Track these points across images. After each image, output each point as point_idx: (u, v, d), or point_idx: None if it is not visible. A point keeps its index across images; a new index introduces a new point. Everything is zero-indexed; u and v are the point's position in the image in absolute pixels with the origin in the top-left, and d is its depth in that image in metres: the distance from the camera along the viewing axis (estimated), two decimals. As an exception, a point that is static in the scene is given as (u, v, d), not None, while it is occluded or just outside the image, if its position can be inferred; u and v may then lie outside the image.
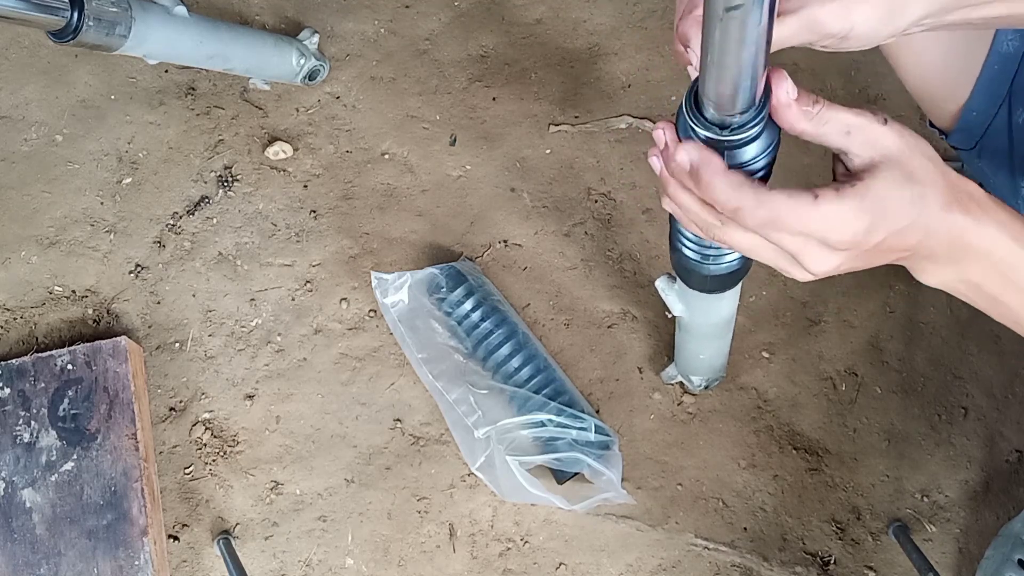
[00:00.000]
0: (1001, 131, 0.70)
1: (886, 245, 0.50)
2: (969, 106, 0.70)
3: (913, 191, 0.48)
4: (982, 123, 0.70)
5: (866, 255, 0.51)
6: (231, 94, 1.27)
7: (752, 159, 0.46)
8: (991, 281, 0.52)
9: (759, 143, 0.46)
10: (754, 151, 0.46)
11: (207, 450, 1.11)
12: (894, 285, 1.14)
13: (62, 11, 0.83)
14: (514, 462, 1.00)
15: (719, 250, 0.57)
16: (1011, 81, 0.68)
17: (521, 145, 1.24)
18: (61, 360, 1.07)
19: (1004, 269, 0.51)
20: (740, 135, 0.44)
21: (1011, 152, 0.69)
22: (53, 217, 1.21)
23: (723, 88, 0.42)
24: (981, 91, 0.69)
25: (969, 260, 0.52)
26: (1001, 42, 0.67)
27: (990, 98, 0.69)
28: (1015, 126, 0.69)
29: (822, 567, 1.04)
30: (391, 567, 1.06)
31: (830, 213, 0.47)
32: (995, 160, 0.71)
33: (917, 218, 0.49)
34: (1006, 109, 0.69)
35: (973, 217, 0.50)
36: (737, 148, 0.45)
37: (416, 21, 1.32)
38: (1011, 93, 0.68)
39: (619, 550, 1.05)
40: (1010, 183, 0.70)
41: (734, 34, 0.38)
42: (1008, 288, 0.52)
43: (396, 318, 1.10)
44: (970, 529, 1.05)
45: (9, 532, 1.00)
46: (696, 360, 0.98)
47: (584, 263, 1.18)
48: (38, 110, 1.26)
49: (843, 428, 1.09)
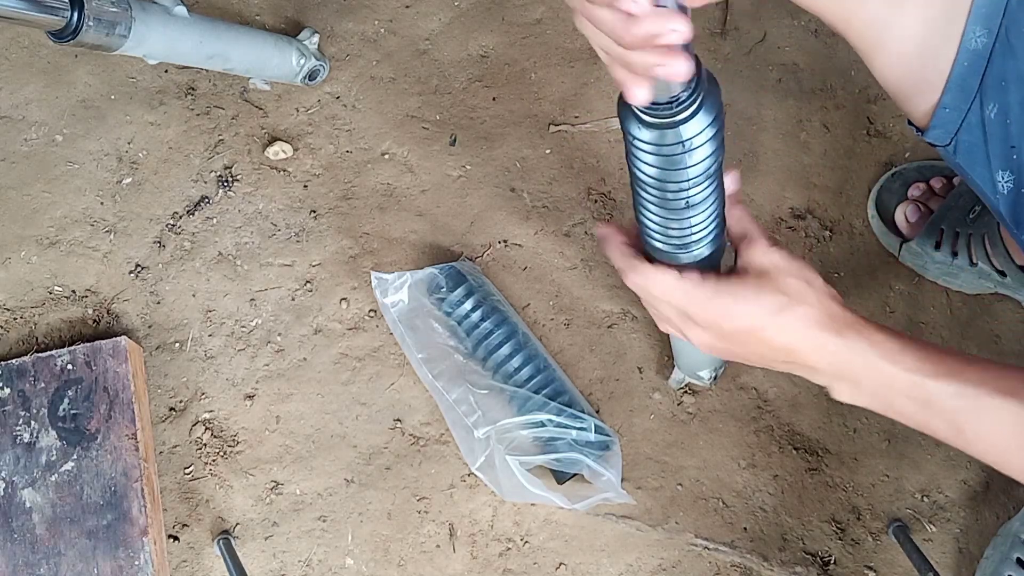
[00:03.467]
0: (975, 126, 0.71)
1: (751, 339, 0.59)
2: (942, 103, 0.72)
3: (775, 300, 0.57)
4: (955, 119, 0.72)
5: (734, 341, 0.60)
6: (231, 94, 1.27)
7: (695, 134, 0.48)
8: (881, 397, 0.60)
9: (698, 120, 0.47)
10: (696, 127, 0.48)
11: (207, 450, 1.11)
12: (894, 285, 1.14)
13: (62, 11, 0.83)
14: (514, 461, 1.00)
15: (686, 239, 0.58)
16: (981, 77, 0.70)
17: (521, 145, 1.24)
18: (61, 360, 1.07)
19: (880, 386, 0.59)
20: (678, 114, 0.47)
21: (986, 146, 0.71)
22: (53, 217, 1.21)
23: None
24: (952, 88, 0.71)
25: (854, 378, 0.59)
26: (969, 39, 0.69)
27: (962, 94, 0.71)
28: (988, 120, 0.70)
29: (822, 567, 1.04)
30: (391, 567, 1.06)
31: (690, 290, 0.58)
32: (971, 155, 0.73)
33: (778, 324, 0.58)
34: (978, 104, 0.71)
35: (844, 339, 0.58)
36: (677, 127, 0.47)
37: (416, 21, 1.32)
38: (982, 89, 0.70)
39: (619, 550, 1.05)
40: (988, 177, 0.72)
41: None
42: (894, 404, 0.59)
43: (396, 318, 1.10)
44: (970, 529, 1.05)
45: (9, 532, 1.00)
46: (698, 353, 0.98)
47: (584, 263, 1.18)
48: (38, 110, 1.26)
49: (843, 428, 1.09)
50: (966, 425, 0.57)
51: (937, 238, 1.10)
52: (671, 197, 0.53)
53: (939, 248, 1.10)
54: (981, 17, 0.68)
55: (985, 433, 0.57)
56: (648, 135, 0.48)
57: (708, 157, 0.50)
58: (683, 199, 0.53)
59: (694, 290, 0.59)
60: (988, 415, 0.56)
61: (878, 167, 1.20)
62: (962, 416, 0.57)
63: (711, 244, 0.59)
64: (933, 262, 1.11)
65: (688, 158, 0.49)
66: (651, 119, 0.48)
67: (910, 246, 1.12)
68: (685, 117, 0.47)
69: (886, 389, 0.59)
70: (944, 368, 0.57)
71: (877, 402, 0.60)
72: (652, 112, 0.47)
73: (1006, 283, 1.08)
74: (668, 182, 0.52)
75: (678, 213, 0.55)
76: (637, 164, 0.52)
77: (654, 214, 0.56)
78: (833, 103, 1.24)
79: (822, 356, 0.59)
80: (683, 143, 0.48)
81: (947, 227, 1.09)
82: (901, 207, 1.13)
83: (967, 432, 0.57)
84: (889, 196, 1.16)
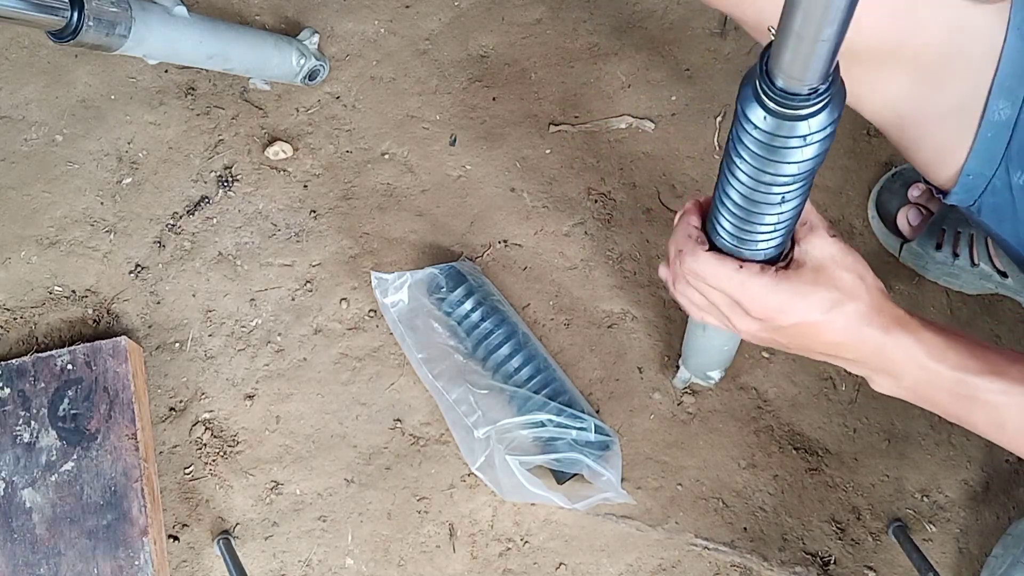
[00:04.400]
0: (1001, 190, 0.71)
1: (800, 332, 0.60)
2: (965, 170, 0.71)
3: (829, 296, 0.58)
4: (980, 185, 0.72)
5: (784, 333, 0.61)
6: (231, 94, 1.27)
7: (818, 129, 0.46)
8: (921, 391, 0.61)
9: (825, 115, 0.46)
10: (820, 123, 0.46)
11: (207, 450, 1.11)
12: (894, 285, 1.14)
13: (62, 11, 0.83)
14: (514, 461, 1.00)
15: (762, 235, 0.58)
16: (1006, 147, 0.69)
17: (521, 145, 1.24)
18: (61, 360, 1.07)
19: (922, 382, 0.60)
20: (808, 107, 0.45)
21: (1014, 207, 0.71)
22: (53, 217, 1.21)
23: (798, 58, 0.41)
24: (976, 158, 0.70)
25: (897, 372, 0.60)
26: (993, 111, 0.68)
27: (986, 164, 0.70)
28: (1016, 187, 0.70)
29: (822, 567, 1.04)
30: (391, 567, 1.06)
31: (747, 282, 0.58)
32: (997, 215, 0.73)
33: (829, 319, 0.58)
34: (1004, 171, 0.70)
35: (891, 335, 0.58)
36: (804, 120, 0.46)
37: (416, 21, 1.32)
38: (1007, 158, 0.70)
39: (619, 550, 1.05)
40: (1014, 233, 0.72)
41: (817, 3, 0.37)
42: (934, 398, 0.60)
43: (396, 318, 1.10)
44: (970, 529, 1.05)
45: (9, 532, 1.00)
46: (720, 353, 0.97)
47: (584, 263, 1.18)
48: (38, 110, 1.26)
49: (843, 428, 1.09)
50: (1010, 421, 0.58)
51: (938, 238, 1.10)
52: (763, 191, 0.51)
53: (940, 248, 1.10)
54: (1004, 90, 0.67)
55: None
56: (769, 123, 0.46)
57: (819, 155, 0.48)
58: (778, 195, 0.52)
59: (751, 282, 0.59)
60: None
61: (878, 167, 1.20)
62: (1006, 412, 0.58)
63: (780, 246, 0.58)
64: (934, 262, 1.11)
65: (801, 153, 0.47)
66: (780, 107, 0.45)
67: (911, 246, 1.11)
68: (815, 110, 0.45)
69: (928, 385, 0.59)
70: (989, 365, 0.58)
71: (916, 396, 0.61)
72: (783, 100, 0.45)
73: (1007, 284, 1.08)
74: (768, 174, 0.50)
75: (765, 208, 0.53)
76: (741, 152, 0.50)
77: (738, 205, 0.54)
78: (833, 103, 1.24)
79: (868, 352, 0.59)
80: (804, 137, 0.46)
81: (948, 227, 1.09)
82: (903, 211, 1.13)
83: (1009, 428, 0.58)
84: (889, 196, 1.16)
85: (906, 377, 0.60)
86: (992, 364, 0.58)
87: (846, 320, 0.58)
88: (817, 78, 0.43)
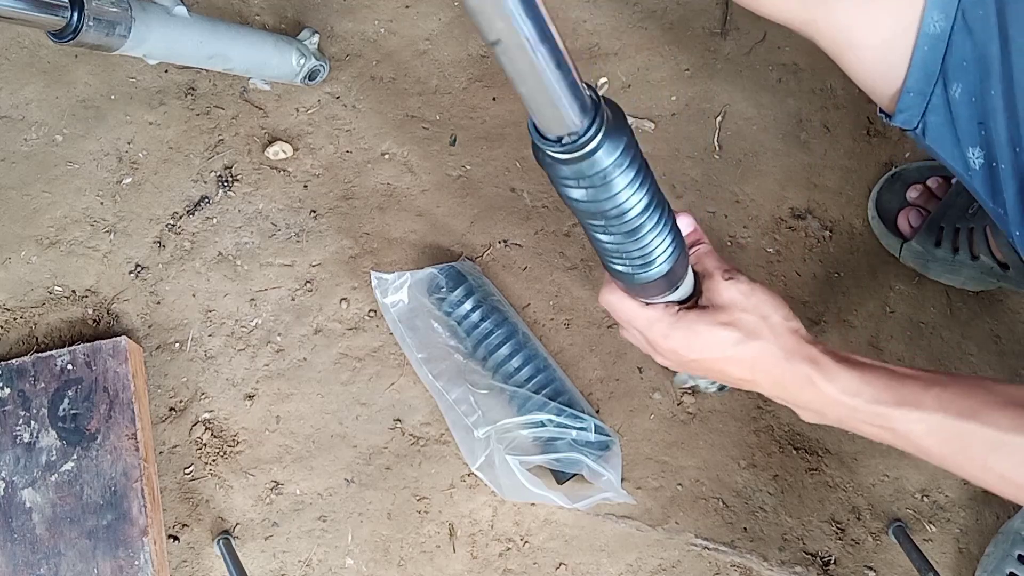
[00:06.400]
0: (940, 107, 0.73)
1: (708, 368, 0.63)
2: (906, 87, 0.74)
3: (730, 335, 0.61)
4: (920, 102, 0.74)
5: (696, 367, 0.64)
6: (231, 94, 1.27)
7: (605, 167, 0.48)
8: (846, 424, 0.62)
9: (603, 152, 0.48)
10: (604, 161, 0.48)
11: (207, 450, 1.11)
12: (894, 286, 1.14)
13: (62, 11, 0.83)
14: (514, 461, 1.00)
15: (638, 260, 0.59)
16: (942, 59, 0.72)
17: (521, 145, 1.24)
18: (61, 360, 1.07)
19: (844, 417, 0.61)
20: (578, 150, 0.47)
21: (954, 126, 0.73)
22: (53, 217, 1.21)
23: (540, 114, 0.44)
24: (915, 73, 0.73)
25: (816, 408, 0.62)
26: (928, 23, 0.71)
27: (924, 78, 0.73)
28: (953, 101, 0.72)
29: (822, 567, 1.04)
30: (391, 567, 1.06)
31: (652, 319, 0.62)
32: (940, 136, 0.75)
33: (732, 356, 0.61)
34: (942, 86, 0.73)
35: (799, 374, 0.61)
36: (582, 161, 0.48)
37: (416, 21, 1.32)
38: (944, 70, 0.72)
39: (619, 550, 1.05)
40: (959, 155, 0.74)
41: (515, 65, 0.39)
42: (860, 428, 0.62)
43: (396, 318, 1.10)
44: (970, 529, 1.05)
45: (9, 532, 1.00)
46: None
47: (584, 263, 1.18)
48: (38, 110, 1.26)
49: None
50: (932, 448, 0.59)
51: (937, 236, 1.10)
52: (614, 224, 0.54)
53: (940, 245, 1.10)
54: (938, 3, 0.70)
55: (949, 454, 0.59)
56: (567, 170, 0.49)
57: (632, 180, 0.50)
58: (625, 224, 0.53)
59: (656, 321, 0.62)
60: (950, 438, 0.58)
61: (878, 167, 1.20)
62: (926, 440, 0.59)
63: (665, 263, 0.59)
64: (935, 260, 1.11)
65: (612, 185, 0.50)
66: (562, 155, 0.48)
67: (911, 246, 1.12)
68: (592, 148, 0.47)
69: (850, 419, 0.61)
70: (903, 396, 0.59)
71: (844, 426, 0.63)
72: (560, 148, 0.48)
73: (1009, 276, 1.08)
74: (603, 211, 0.52)
75: (624, 238, 0.55)
76: (570, 197, 0.53)
77: (604, 242, 0.57)
78: (833, 103, 1.24)
79: (778, 390, 0.62)
80: (601, 172, 0.48)
81: (947, 224, 1.10)
82: (903, 213, 1.13)
83: (934, 454, 0.59)
84: (889, 196, 1.16)
85: (827, 413, 0.62)
86: (906, 394, 0.59)
87: (751, 358, 0.61)
88: (574, 123, 0.46)
